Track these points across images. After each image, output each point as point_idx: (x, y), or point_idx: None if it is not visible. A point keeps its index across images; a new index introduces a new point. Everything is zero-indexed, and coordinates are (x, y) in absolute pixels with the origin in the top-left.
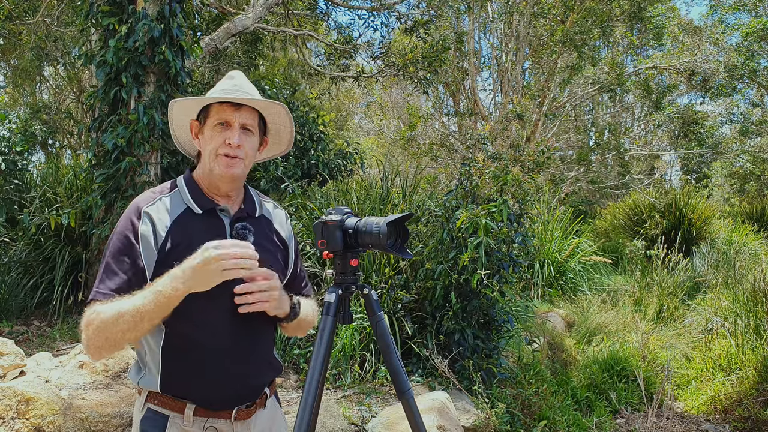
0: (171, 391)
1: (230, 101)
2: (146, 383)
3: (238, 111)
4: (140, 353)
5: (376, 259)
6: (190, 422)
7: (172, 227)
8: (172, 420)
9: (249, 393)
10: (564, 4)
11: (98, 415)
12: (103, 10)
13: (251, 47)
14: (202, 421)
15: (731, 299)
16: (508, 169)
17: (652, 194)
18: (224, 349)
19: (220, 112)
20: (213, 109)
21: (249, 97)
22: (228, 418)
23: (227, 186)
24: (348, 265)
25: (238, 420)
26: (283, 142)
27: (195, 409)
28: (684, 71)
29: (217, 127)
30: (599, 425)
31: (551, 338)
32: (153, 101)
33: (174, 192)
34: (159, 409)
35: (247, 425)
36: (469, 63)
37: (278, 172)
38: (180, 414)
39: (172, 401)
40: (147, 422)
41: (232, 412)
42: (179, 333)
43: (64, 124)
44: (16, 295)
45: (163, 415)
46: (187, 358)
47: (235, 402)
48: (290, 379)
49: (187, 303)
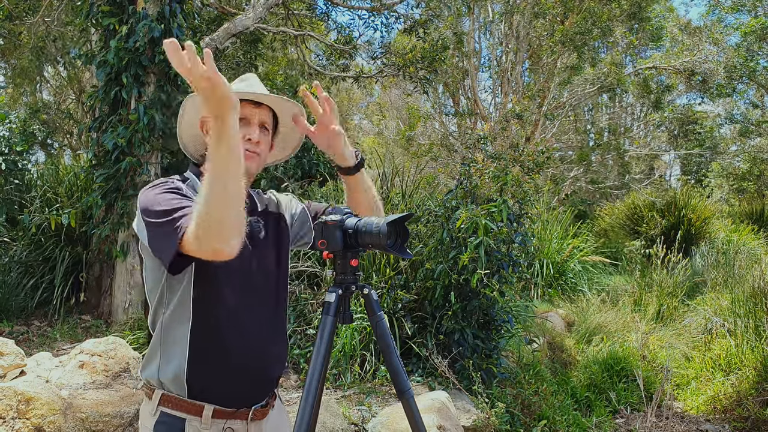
0: (196, 381)
1: (251, 98)
2: (168, 374)
3: (258, 108)
4: (155, 347)
5: (376, 259)
6: (208, 424)
7: None
8: (189, 423)
9: (265, 389)
10: (564, 4)
11: (98, 414)
12: (104, 10)
13: (251, 47)
14: (220, 423)
15: (731, 299)
16: (507, 169)
17: (652, 194)
18: (247, 343)
19: (240, 109)
20: None
21: (270, 95)
22: (245, 418)
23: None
24: (348, 265)
25: (254, 420)
26: (289, 147)
27: (214, 410)
28: (683, 71)
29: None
30: (599, 425)
31: (551, 338)
32: (153, 101)
33: (188, 183)
34: (174, 413)
35: (259, 426)
36: (469, 63)
37: (278, 172)
38: (198, 416)
39: (188, 404)
40: (162, 427)
41: (249, 412)
42: (206, 322)
43: (64, 124)
44: (16, 295)
45: (179, 418)
46: (213, 348)
47: (254, 398)
48: (290, 379)
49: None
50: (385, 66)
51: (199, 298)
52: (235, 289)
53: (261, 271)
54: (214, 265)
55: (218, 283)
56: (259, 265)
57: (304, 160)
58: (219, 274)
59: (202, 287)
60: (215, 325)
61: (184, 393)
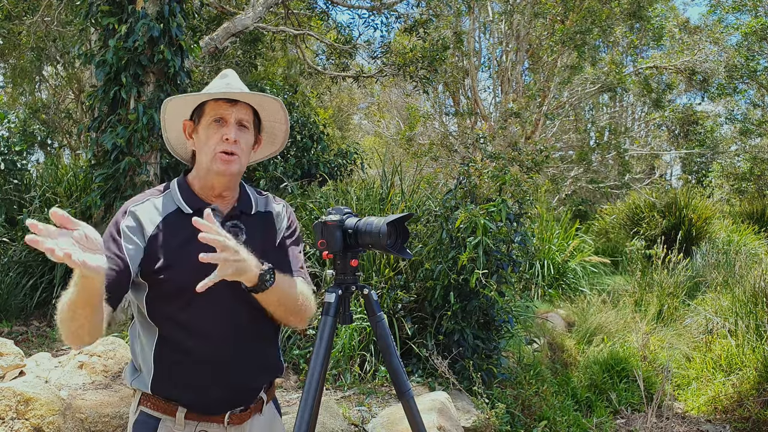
0: (161, 393)
1: (225, 97)
2: (139, 384)
3: (233, 107)
4: (134, 353)
5: (376, 259)
6: (182, 426)
7: (160, 226)
8: (164, 423)
9: (241, 397)
10: (564, 4)
11: (98, 415)
12: (103, 10)
13: (251, 47)
14: (193, 425)
15: (731, 299)
16: (506, 169)
17: (652, 194)
18: (214, 353)
19: (215, 109)
20: (208, 106)
21: (243, 93)
22: (221, 422)
23: (223, 184)
24: (348, 265)
25: (231, 425)
26: (277, 140)
27: (186, 412)
28: (684, 71)
29: (213, 124)
30: (599, 425)
31: (551, 338)
32: (152, 101)
33: (166, 193)
34: (151, 412)
35: (241, 430)
36: (469, 63)
37: (278, 172)
38: (171, 417)
39: (163, 404)
40: (139, 426)
41: (225, 417)
42: (170, 335)
43: (63, 123)
44: (15, 295)
45: (155, 418)
46: (178, 360)
47: (226, 406)
48: (290, 380)
49: (177, 305)
50: (385, 65)
51: (158, 313)
52: (198, 301)
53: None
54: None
55: (178, 298)
56: None
57: (304, 160)
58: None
59: (161, 303)
60: (178, 338)
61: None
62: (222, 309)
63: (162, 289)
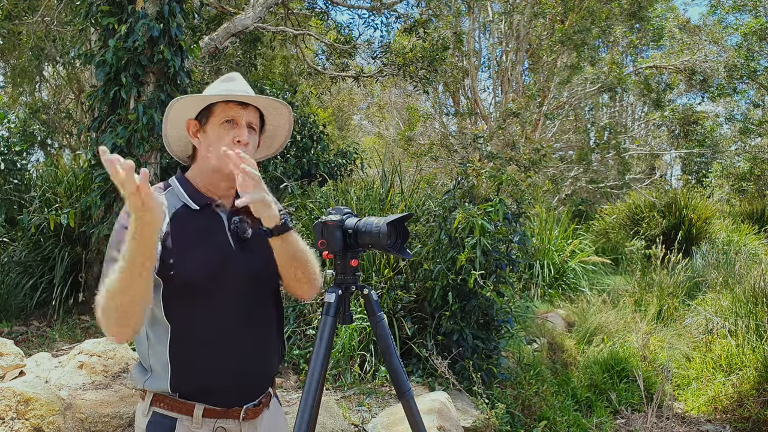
0: (183, 390)
1: (238, 100)
2: (154, 385)
3: (244, 109)
4: (143, 355)
5: (376, 259)
6: (199, 424)
7: (170, 222)
8: (180, 422)
9: (258, 384)
10: (564, 4)
11: (98, 415)
12: (103, 10)
13: (250, 47)
14: (211, 422)
15: (731, 299)
16: (504, 169)
17: (652, 194)
18: (231, 341)
19: (226, 110)
20: (218, 107)
21: (257, 96)
22: (237, 417)
23: (230, 184)
24: (348, 265)
25: (246, 420)
26: (274, 145)
27: (204, 409)
28: (684, 70)
29: (225, 125)
30: (599, 425)
31: (551, 338)
32: (152, 101)
33: (168, 191)
34: (166, 412)
35: (254, 425)
36: (469, 63)
37: (278, 172)
38: (189, 416)
39: (179, 403)
40: (153, 426)
41: (241, 411)
42: (186, 330)
43: (63, 124)
44: (15, 295)
45: (170, 418)
46: (196, 354)
47: (245, 398)
48: (290, 380)
49: (191, 299)
50: (385, 65)
51: (174, 310)
52: (213, 295)
53: (244, 273)
54: (183, 276)
55: (192, 293)
56: (242, 267)
57: (304, 160)
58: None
59: (176, 299)
60: (194, 335)
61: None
62: (242, 297)
63: (174, 284)
